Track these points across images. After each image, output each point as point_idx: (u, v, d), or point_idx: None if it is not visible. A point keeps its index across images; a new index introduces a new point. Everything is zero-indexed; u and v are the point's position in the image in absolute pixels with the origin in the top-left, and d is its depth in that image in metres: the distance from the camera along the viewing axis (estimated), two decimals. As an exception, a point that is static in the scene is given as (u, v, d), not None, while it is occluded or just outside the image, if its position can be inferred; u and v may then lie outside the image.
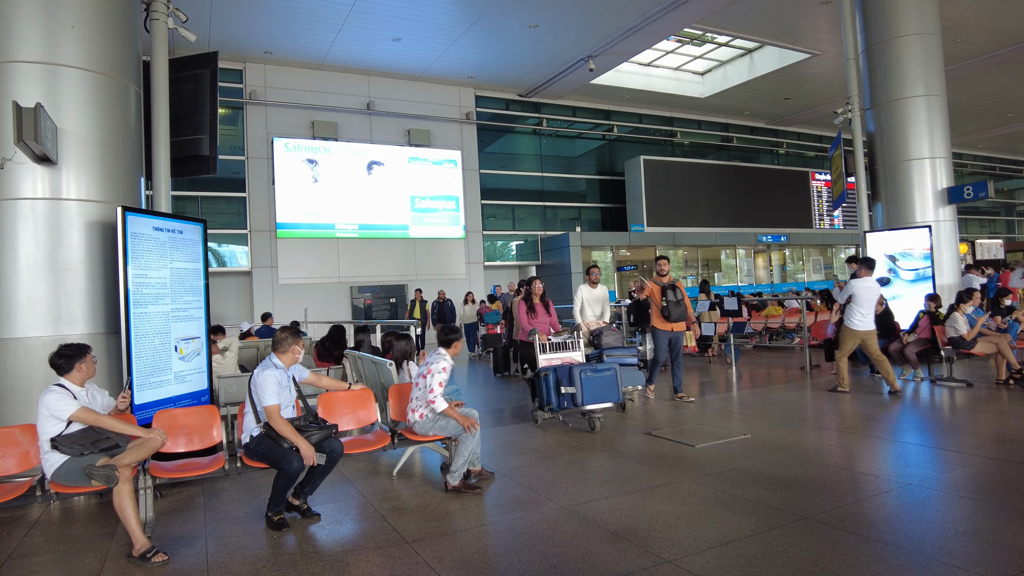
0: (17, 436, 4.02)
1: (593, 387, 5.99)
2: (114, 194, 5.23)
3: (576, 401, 5.96)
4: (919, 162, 10.62)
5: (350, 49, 14.54)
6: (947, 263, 10.58)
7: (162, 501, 4.56)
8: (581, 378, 5.96)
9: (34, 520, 4.30)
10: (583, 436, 5.90)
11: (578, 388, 5.95)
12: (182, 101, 6.34)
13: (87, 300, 5.00)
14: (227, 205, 15.45)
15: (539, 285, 7.25)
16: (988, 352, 7.70)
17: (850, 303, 7.46)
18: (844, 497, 3.98)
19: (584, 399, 5.94)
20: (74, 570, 3.44)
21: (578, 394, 5.94)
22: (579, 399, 5.93)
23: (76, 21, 5.07)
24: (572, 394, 6.00)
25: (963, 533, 3.32)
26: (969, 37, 15.77)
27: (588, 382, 5.98)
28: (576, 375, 5.99)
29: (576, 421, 6.50)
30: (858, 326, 7.39)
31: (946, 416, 6.36)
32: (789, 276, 22.94)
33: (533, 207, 19.52)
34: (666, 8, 13.04)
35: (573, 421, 6.51)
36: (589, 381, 5.99)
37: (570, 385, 6.02)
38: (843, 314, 7.59)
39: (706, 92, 19.80)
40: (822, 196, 23.25)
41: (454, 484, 4.46)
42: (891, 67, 10.68)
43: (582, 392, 5.94)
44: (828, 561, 3.04)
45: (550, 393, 6.16)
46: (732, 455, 5.06)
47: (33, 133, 4.46)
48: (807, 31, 15.35)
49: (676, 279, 7.64)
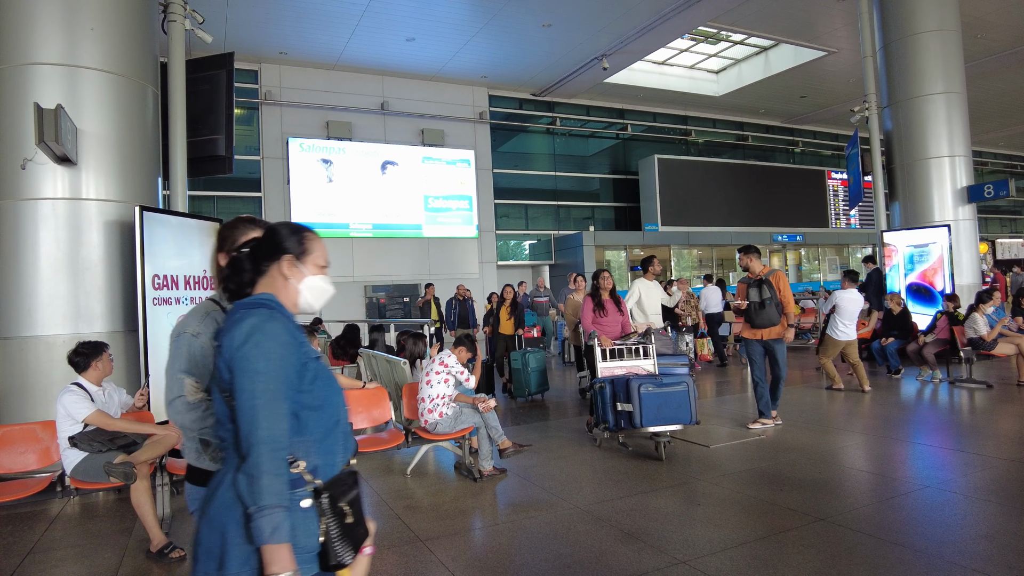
0: (38, 432, 4.09)
1: (655, 405, 4.93)
2: (132, 194, 5.30)
3: (634, 421, 4.95)
4: (938, 160, 10.47)
5: (364, 49, 14.60)
6: (966, 263, 10.42)
7: (179, 497, 4.61)
8: (640, 393, 4.93)
9: (54, 515, 4.36)
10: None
11: (636, 405, 4.92)
12: (198, 102, 6.40)
13: (105, 299, 5.07)
14: (243, 205, 15.58)
15: (608, 278, 6.28)
16: (1008, 353, 7.58)
17: (833, 313, 7.62)
18: (861, 499, 3.93)
19: (643, 419, 4.91)
20: (93, 565, 3.49)
21: (635, 413, 4.93)
22: (636, 419, 4.92)
23: (95, 23, 5.14)
24: (629, 412, 4.99)
25: (983, 536, 3.27)
26: (990, 33, 15.51)
27: (649, 399, 4.93)
28: (634, 390, 4.94)
29: (638, 443, 5.52)
30: (840, 336, 7.59)
31: (965, 418, 6.26)
32: (805, 276, 22.72)
33: (546, 206, 19.49)
34: (680, 6, 12.96)
35: (634, 444, 5.51)
36: (650, 397, 4.93)
37: (627, 402, 4.99)
38: (827, 323, 7.79)
39: (721, 91, 19.65)
40: (838, 195, 23.00)
41: (488, 469, 4.59)
42: (909, 64, 10.54)
43: (640, 410, 4.92)
44: (845, 564, 3.01)
45: (606, 409, 5.20)
46: (747, 456, 5.02)
47: (54, 134, 4.53)
48: (823, 28, 15.18)
49: (773, 270, 6.10)
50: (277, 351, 1.49)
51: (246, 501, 1.41)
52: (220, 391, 1.53)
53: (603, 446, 5.51)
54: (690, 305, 10.45)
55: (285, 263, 1.65)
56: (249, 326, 1.49)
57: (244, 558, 1.43)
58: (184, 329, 1.89)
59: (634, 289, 7.11)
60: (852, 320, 7.55)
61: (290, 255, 1.65)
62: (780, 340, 5.97)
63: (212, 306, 1.95)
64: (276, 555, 1.40)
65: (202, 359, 1.85)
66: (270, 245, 1.66)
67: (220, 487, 1.49)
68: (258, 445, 1.42)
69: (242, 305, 1.58)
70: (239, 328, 1.49)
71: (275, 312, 1.56)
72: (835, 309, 7.59)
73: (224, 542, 1.44)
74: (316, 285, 1.69)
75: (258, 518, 1.39)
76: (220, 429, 1.55)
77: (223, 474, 1.51)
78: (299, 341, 1.55)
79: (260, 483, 1.40)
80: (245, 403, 1.44)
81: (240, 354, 1.46)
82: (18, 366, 4.86)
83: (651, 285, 7.18)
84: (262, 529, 1.39)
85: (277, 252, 1.65)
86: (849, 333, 7.55)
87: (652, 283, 7.21)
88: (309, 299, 1.68)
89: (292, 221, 1.79)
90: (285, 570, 1.40)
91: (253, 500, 1.40)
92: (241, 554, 1.43)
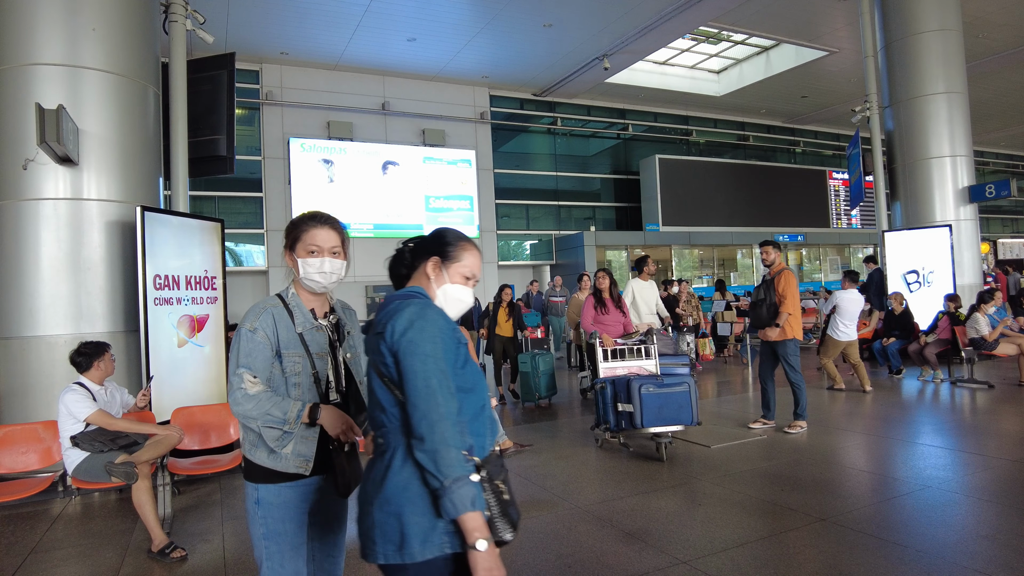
0: (40, 432, 4.10)
1: (656, 405, 4.92)
2: (133, 194, 5.31)
3: (634, 421, 4.95)
4: (939, 160, 10.46)
5: (365, 50, 14.60)
6: (968, 263, 10.41)
7: (180, 497, 4.62)
8: (641, 394, 4.92)
9: (56, 515, 4.37)
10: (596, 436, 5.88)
11: (636, 406, 4.91)
12: (200, 102, 6.41)
13: (107, 299, 5.08)
14: (244, 205, 15.59)
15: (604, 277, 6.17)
16: (1010, 353, 7.58)
17: (834, 313, 7.60)
18: (862, 499, 3.93)
19: (644, 420, 4.90)
20: (95, 564, 3.50)
21: (636, 414, 4.92)
22: (637, 419, 4.92)
23: (97, 24, 5.15)
24: (630, 413, 4.98)
25: (984, 537, 3.27)
26: (992, 33, 15.48)
27: (649, 399, 4.91)
28: (635, 390, 4.93)
29: (639, 444, 5.52)
30: (840, 337, 7.59)
31: (967, 418, 6.26)
32: (806, 276, 22.70)
33: (547, 206, 19.48)
34: (681, 6, 12.95)
35: (635, 444, 5.52)
36: (651, 398, 4.91)
37: (627, 402, 4.98)
38: (827, 324, 7.78)
39: (722, 90, 19.64)
40: (839, 195, 22.98)
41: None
42: (910, 64, 10.53)
43: (641, 411, 4.91)
44: (846, 564, 3.01)
45: (607, 410, 5.18)
46: (749, 456, 5.02)
47: (55, 134, 4.54)
48: (824, 28, 15.16)
49: (782, 270, 5.88)
50: (439, 335, 1.54)
51: (438, 476, 1.43)
52: (381, 377, 1.57)
53: (604, 447, 5.50)
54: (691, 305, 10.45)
55: (431, 264, 1.71)
56: (410, 314, 1.56)
57: (424, 535, 1.46)
58: (242, 324, 1.94)
59: (628, 290, 7.09)
60: (853, 320, 7.57)
61: (437, 257, 1.72)
62: (784, 343, 5.76)
63: (275, 302, 1.99)
64: (475, 522, 1.43)
65: (260, 353, 1.90)
66: (426, 244, 1.76)
67: (389, 470, 1.52)
68: (441, 421, 1.46)
69: (396, 296, 1.66)
70: (400, 316, 1.55)
71: (428, 301, 1.63)
72: (835, 309, 7.60)
73: (402, 522, 1.47)
74: (452, 293, 1.72)
75: (455, 489, 1.42)
76: (380, 415, 1.59)
77: (388, 458, 1.54)
78: (452, 327, 1.61)
79: (449, 457, 1.44)
80: (420, 384, 1.49)
81: (406, 339, 1.52)
82: (20, 366, 4.86)
83: (646, 285, 7.17)
84: (460, 500, 1.42)
85: (427, 252, 1.73)
86: (850, 333, 7.57)
87: (648, 283, 7.19)
88: (443, 304, 1.71)
89: (456, 229, 1.83)
90: (485, 536, 1.43)
91: (445, 474, 1.43)
92: (420, 531, 1.46)
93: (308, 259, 1.97)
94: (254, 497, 1.92)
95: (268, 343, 1.91)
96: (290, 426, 1.87)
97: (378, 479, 1.54)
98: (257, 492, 1.91)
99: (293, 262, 2.01)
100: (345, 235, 2.10)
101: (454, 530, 1.46)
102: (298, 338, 1.96)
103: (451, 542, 1.47)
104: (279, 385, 1.94)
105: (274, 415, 1.86)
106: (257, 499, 1.91)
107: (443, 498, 1.42)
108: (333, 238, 2.03)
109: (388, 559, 1.48)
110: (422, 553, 1.46)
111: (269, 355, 1.91)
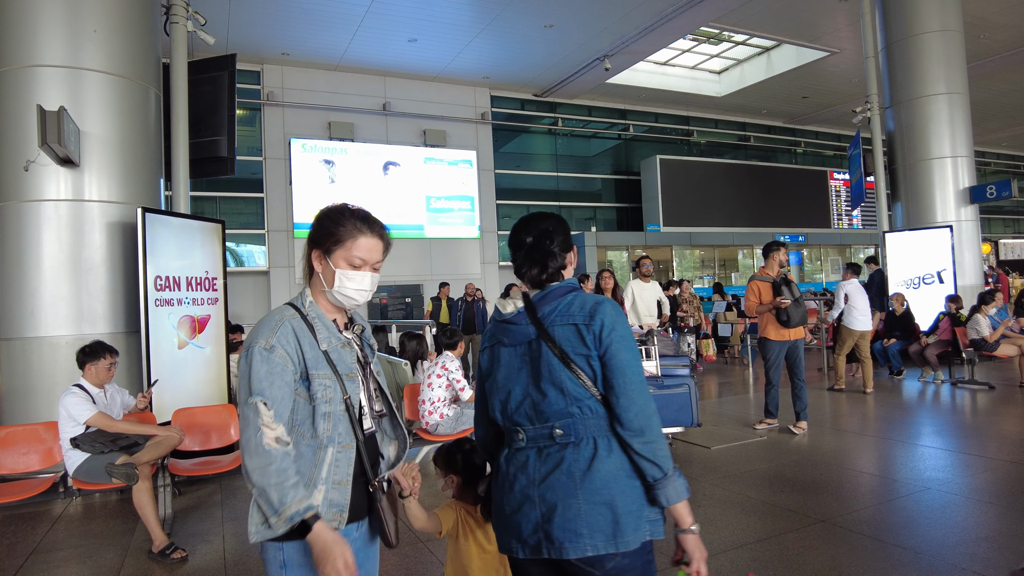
0: (41, 433, 4.11)
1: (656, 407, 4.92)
2: (134, 195, 5.32)
3: None
4: (940, 161, 10.46)
5: (366, 50, 14.61)
6: (968, 264, 10.40)
7: (181, 498, 4.63)
8: None
9: (57, 515, 4.38)
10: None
11: None
12: (201, 103, 6.42)
13: (108, 300, 5.09)
14: (245, 205, 15.60)
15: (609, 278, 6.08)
16: (1011, 354, 7.57)
17: (848, 303, 7.53)
18: (862, 500, 3.93)
19: None
20: (96, 565, 3.51)
21: None
22: None
23: (98, 26, 5.16)
24: None
25: (983, 539, 3.27)
26: (993, 34, 15.47)
27: None
28: None
29: None
30: (857, 325, 7.47)
31: (967, 419, 6.25)
32: (807, 276, 22.69)
33: (548, 207, 19.48)
34: (682, 7, 12.95)
35: None
36: None
37: None
38: (842, 314, 7.65)
39: (723, 91, 19.63)
40: (840, 196, 22.96)
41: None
42: (911, 65, 10.52)
43: None
44: (845, 565, 3.01)
45: None
46: (749, 457, 5.02)
47: (57, 136, 4.55)
48: (825, 29, 15.16)
49: (787, 271, 6.05)
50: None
51: (661, 467, 1.51)
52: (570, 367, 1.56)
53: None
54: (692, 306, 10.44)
55: (571, 255, 1.74)
56: (612, 308, 1.59)
57: (635, 525, 1.50)
58: (253, 341, 1.52)
59: (628, 291, 7.07)
60: (867, 306, 7.51)
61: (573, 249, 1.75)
62: (800, 340, 5.86)
63: (291, 313, 1.60)
64: (687, 509, 1.53)
65: (279, 377, 1.49)
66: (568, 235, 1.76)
67: (596, 460, 1.52)
68: (655, 415, 1.56)
69: (563, 288, 1.65)
70: (605, 309, 1.57)
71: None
72: (847, 298, 7.53)
73: (615, 511, 1.49)
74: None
75: (674, 479, 1.51)
76: (568, 406, 1.56)
77: (587, 449, 1.54)
78: None
79: (665, 449, 1.54)
80: (637, 378, 1.55)
81: (618, 334, 1.55)
82: (21, 367, 4.88)
83: (646, 286, 7.12)
84: (676, 489, 1.51)
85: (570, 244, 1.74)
86: (866, 322, 7.49)
87: (648, 285, 7.15)
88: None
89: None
90: (695, 523, 1.54)
91: (666, 465, 1.52)
92: (632, 520, 1.50)
93: (349, 272, 1.60)
94: (278, 560, 1.51)
95: (289, 364, 1.52)
96: (276, 522, 1.42)
97: (577, 471, 1.51)
98: (282, 553, 1.50)
99: (324, 267, 1.62)
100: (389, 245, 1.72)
101: (655, 517, 1.54)
102: (323, 356, 1.58)
103: (651, 529, 1.53)
104: (304, 419, 1.54)
105: (271, 497, 1.42)
106: (283, 562, 1.50)
107: (664, 488, 1.50)
108: (380, 250, 1.67)
109: (598, 549, 1.47)
110: (635, 540, 1.50)
111: (290, 380, 1.51)
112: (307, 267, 1.68)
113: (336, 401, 1.57)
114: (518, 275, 1.73)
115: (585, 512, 1.48)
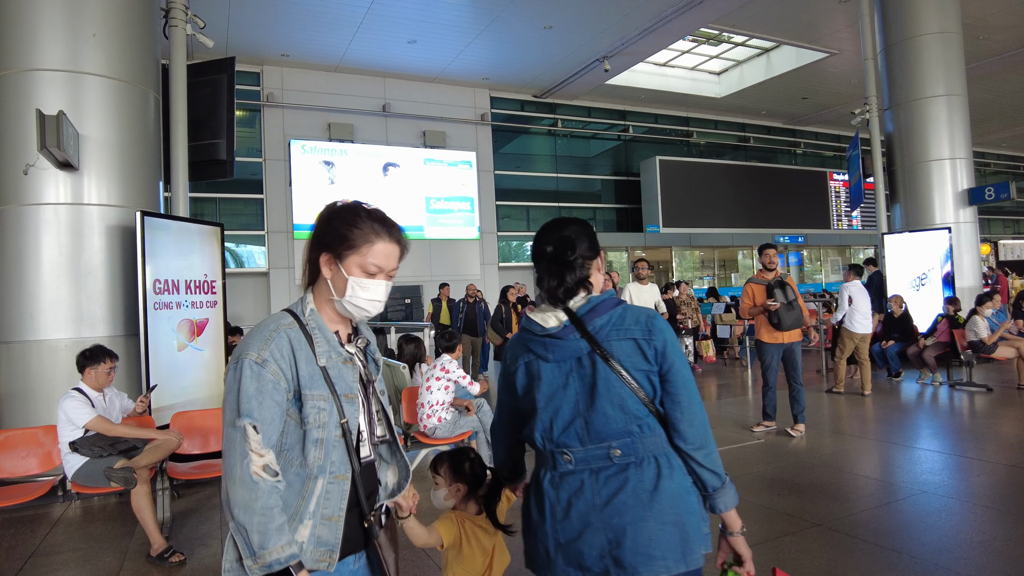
0: (40, 437, 4.12)
1: None
2: (133, 198, 5.33)
3: None
4: (939, 163, 10.46)
5: (366, 51, 14.62)
6: (967, 266, 10.40)
7: (179, 501, 4.64)
8: None
9: (56, 519, 4.39)
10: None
11: None
12: (200, 106, 6.43)
13: (107, 303, 5.10)
14: (245, 206, 15.61)
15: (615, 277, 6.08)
16: (1009, 356, 7.57)
17: (851, 305, 7.49)
18: (858, 504, 3.94)
19: None
20: (94, 568, 3.52)
21: None
22: None
23: (97, 30, 5.17)
24: None
25: (979, 543, 3.28)
26: (992, 35, 15.48)
27: None
28: None
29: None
30: (857, 328, 7.46)
31: (965, 422, 6.26)
32: (807, 277, 22.70)
33: (548, 208, 19.49)
34: (682, 8, 12.96)
35: None
36: None
37: None
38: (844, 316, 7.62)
39: (722, 92, 19.64)
40: (840, 197, 22.98)
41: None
42: (910, 67, 10.53)
43: None
44: (840, 569, 3.02)
45: None
46: (745, 460, 5.03)
47: (56, 140, 4.56)
48: (825, 30, 15.17)
49: (785, 274, 6.03)
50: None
51: (721, 476, 1.54)
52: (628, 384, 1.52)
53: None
54: (690, 307, 10.45)
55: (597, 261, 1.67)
56: (663, 320, 1.57)
57: (701, 538, 1.52)
58: (244, 352, 1.36)
59: (626, 293, 7.06)
60: (868, 308, 7.51)
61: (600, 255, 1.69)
62: (798, 344, 5.84)
63: (288, 321, 1.43)
64: (736, 514, 1.57)
65: (268, 397, 1.33)
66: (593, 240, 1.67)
67: (660, 480, 1.50)
68: (708, 427, 1.58)
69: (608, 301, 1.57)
70: (659, 321, 1.55)
71: None
72: (850, 300, 7.49)
73: (685, 530, 1.49)
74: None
75: (730, 486, 1.56)
76: (629, 424, 1.51)
77: (650, 469, 1.51)
78: None
79: (718, 457, 1.57)
80: (694, 391, 1.57)
81: (676, 348, 1.54)
82: (20, 370, 4.89)
83: (644, 288, 7.07)
84: (730, 496, 1.55)
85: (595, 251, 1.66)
86: (867, 326, 7.49)
87: (647, 287, 7.10)
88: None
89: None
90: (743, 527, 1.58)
91: (723, 473, 1.55)
92: (699, 535, 1.51)
93: (363, 280, 1.45)
94: None
95: (282, 381, 1.36)
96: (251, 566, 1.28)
97: (644, 492, 1.47)
98: None
99: (335, 273, 1.45)
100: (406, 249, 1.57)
101: (707, 530, 1.54)
102: (320, 373, 1.41)
103: (706, 541, 1.53)
104: (293, 444, 1.38)
105: (251, 539, 1.27)
106: None
107: (722, 496, 1.53)
108: (396, 256, 1.52)
109: (671, 570, 1.45)
110: (700, 556, 1.50)
111: (282, 399, 1.36)
112: (309, 270, 1.50)
113: (330, 426, 1.40)
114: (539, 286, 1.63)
115: (657, 534, 1.45)
